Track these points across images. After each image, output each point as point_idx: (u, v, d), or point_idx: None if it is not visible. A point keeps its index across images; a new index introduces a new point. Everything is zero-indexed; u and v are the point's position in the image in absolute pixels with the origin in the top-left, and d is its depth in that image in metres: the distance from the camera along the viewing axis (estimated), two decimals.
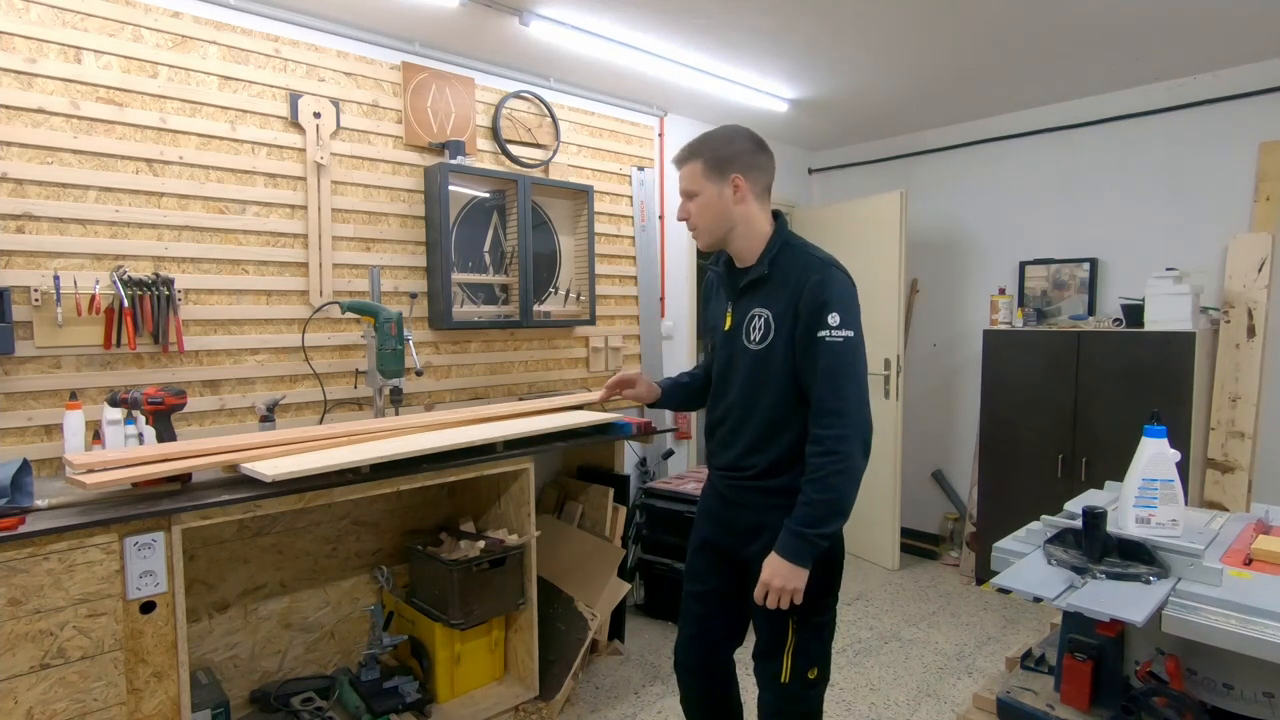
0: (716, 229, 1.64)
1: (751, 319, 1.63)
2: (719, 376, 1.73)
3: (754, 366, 1.62)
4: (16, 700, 1.56)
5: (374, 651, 2.50)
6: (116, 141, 2.23)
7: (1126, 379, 3.24)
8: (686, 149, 1.65)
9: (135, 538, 1.69)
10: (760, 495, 1.65)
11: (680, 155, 1.66)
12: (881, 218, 3.98)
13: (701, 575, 1.80)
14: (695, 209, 1.64)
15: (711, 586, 1.78)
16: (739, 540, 1.70)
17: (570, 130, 3.41)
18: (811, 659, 1.64)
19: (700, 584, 1.80)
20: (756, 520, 1.65)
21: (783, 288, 1.59)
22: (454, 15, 2.62)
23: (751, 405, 1.63)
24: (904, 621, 3.39)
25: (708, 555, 1.79)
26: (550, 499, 3.20)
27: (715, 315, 1.78)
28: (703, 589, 1.79)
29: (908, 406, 4.30)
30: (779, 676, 1.64)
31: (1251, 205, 3.24)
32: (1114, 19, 2.73)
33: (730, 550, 1.73)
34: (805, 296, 1.53)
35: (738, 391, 1.66)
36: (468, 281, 3.08)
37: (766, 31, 2.84)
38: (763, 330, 1.60)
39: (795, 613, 1.59)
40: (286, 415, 2.59)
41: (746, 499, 1.68)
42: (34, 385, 2.11)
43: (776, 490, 1.62)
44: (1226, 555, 1.33)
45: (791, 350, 1.56)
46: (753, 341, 1.62)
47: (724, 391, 1.71)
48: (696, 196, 1.63)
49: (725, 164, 1.61)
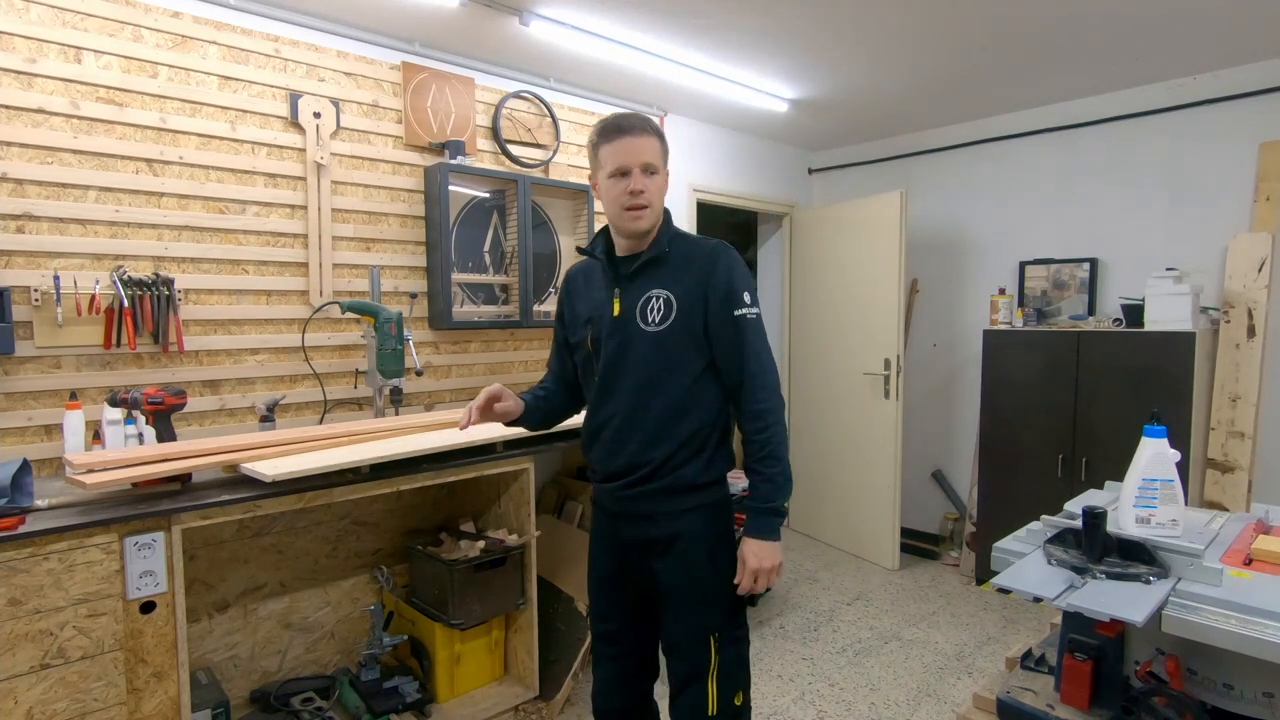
0: (660, 212, 1.56)
1: (648, 300, 1.54)
2: (605, 369, 1.58)
3: (653, 349, 1.53)
4: (16, 700, 1.56)
5: (374, 651, 2.50)
6: (116, 141, 2.23)
7: (1126, 379, 3.24)
8: (645, 122, 1.53)
9: (135, 538, 1.69)
10: (665, 498, 1.55)
11: (645, 124, 1.53)
12: (881, 218, 3.98)
13: (606, 613, 1.69)
14: (654, 187, 1.53)
15: (620, 624, 1.67)
16: (644, 556, 1.59)
17: (570, 130, 3.41)
18: (736, 682, 1.59)
19: (607, 623, 1.69)
20: (665, 531, 1.55)
21: (685, 268, 1.53)
22: (454, 15, 2.62)
23: (649, 392, 1.53)
24: (904, 621, 3.39)
25: (609, 590, 1.68)
26: (550, 499, 3.20)
27: (591, 307, 1.63)
28: (612, 628, 1.68)
29: (908, 406, 4.30)
30: (705, 709, 1.54)
31: (1251, 205, 3.24)
32: (1114, 19, 2.73)
33: (634, 572, 1.63)
34: (718, 276, 1.51)
35: (632, 379, 1.54)
36: (468, 281, 3.08)
37: (766, 31, 2.84)
38: (663, 311, 1.52)
39: (716, 628, 1.55)
40: (286, 415, 2.58)
41: (648, 507, 1.56)
42: (34, 385, 2.11)
43: (682, 488, 1.54)
44: (1226, 555, 1.33)
45: (698, 330, 1.52)
46: (651, 324, 1.53)
47: (611, 385, 1.58)
48: (657, 174, 1.53)
49: (668, 155, 1.58)
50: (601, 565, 1.69)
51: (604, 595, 1.70)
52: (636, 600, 1.66)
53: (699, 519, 1.57)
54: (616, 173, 1.51)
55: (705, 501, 1.58)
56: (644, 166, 1.50)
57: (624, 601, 1.67)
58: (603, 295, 1.61)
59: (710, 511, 1.58)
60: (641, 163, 1.50)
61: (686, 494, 1.56)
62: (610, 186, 1.52)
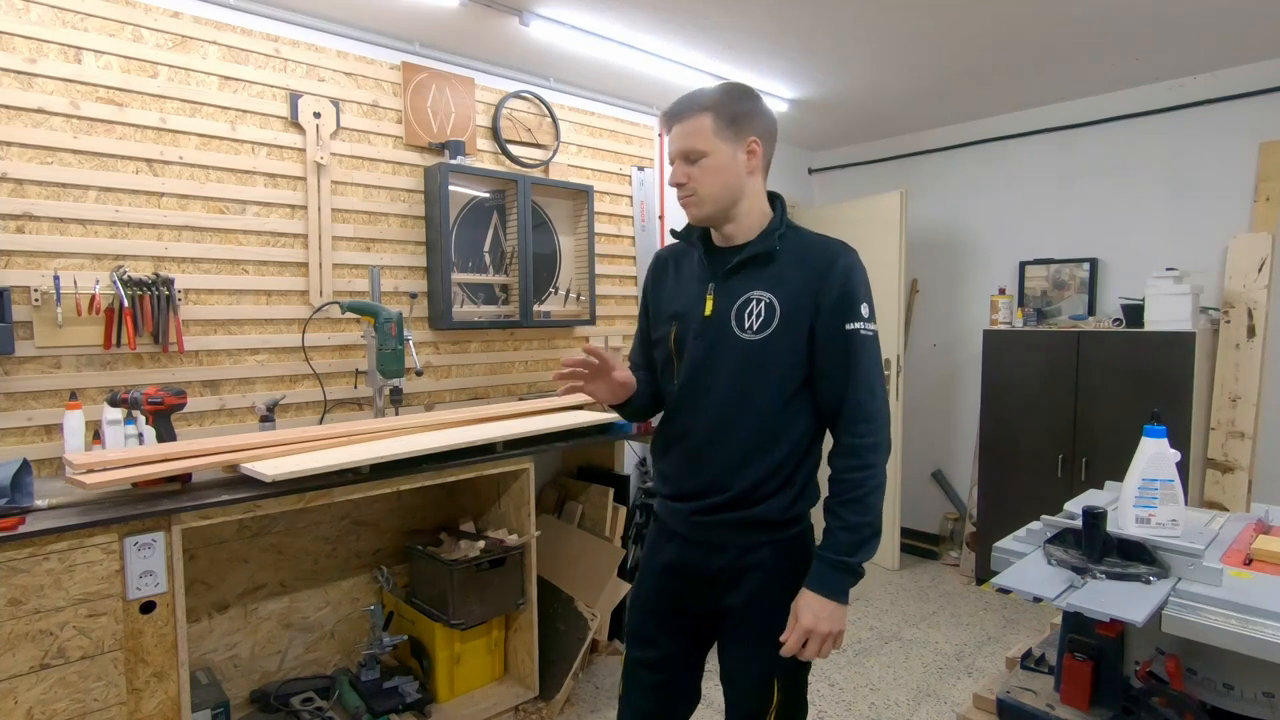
0: (722, 198, 1.34)
1: (747, 303, 1.34)
2: (688, 377, 1.40)
3: (746, 360, 1.34)
4: (16, 700, 1.56)
5: (374, 651, 2.50)
6: (116, 141, 2.22)
7: (1126, 379, 3.24)
8: (690, 100, 1.33)
9: (135, 538, 1.69)
10: (736, 531, 1.37)
11: (681, 107, 1.34)
12: (881, 218, 3.98)
13: (652, 639, 1.49)
14: (700, 173, 1.32)
15: (667, 651, 1.48)
16: (712, 591, 1.41)
17: (570, 130, 3.41)
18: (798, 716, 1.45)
19: (651, 649, 1.49)
20: (735, 563, 1.38)
21: (796, 269, 1.33)
22: (454, 15, 2.62)
23: (738, 408, 1.35)
24: (904, 621, 3.39)
25: (660, 616, 1.49)
26: (550, 499, 3.20)
27: (679, 300, 1.44)
28: (655, 655, 1.49)
29: (908, 406, 4.29)
30: None
31: (1251, 205, 3.24)
32: (1114, 19, 2.73)
33: (697, 604, 1.44)
34: (833, 281, 1.30)
35: (722, 392, 1.36)
36: (468, 281, 3.08)
37: (766, 32, 2.84)
38: (763, 317, 1.33)
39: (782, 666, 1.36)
40: (286, 415, 2.58)
41: (720, 537, 1.38)
42: (34, 385, 2.11)
43: (755, 523, 1.36)
44: (1226, 555, 1.33)
45: (802, 343, 1.32)
46: (748, 330, 1.33)
47: (692, 395, 1.40)
48: (704, 158, 1.32)
49: (743, 123, 1.33)
50: (653, 589, 1.50)
51: (651, 621, 1.50)
52: (692, 628, 1.48)
53: (776, 552, 1.39)
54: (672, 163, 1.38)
55: (783, 537, 1.39)
56: (684, 154, 1.33)
57: (675, 629, 1.49)
58: (695, 289, 1.41)
59: (788, 546, 1.40)
60: (681, 150, 1.34)
61: (765, 529, 1.37)
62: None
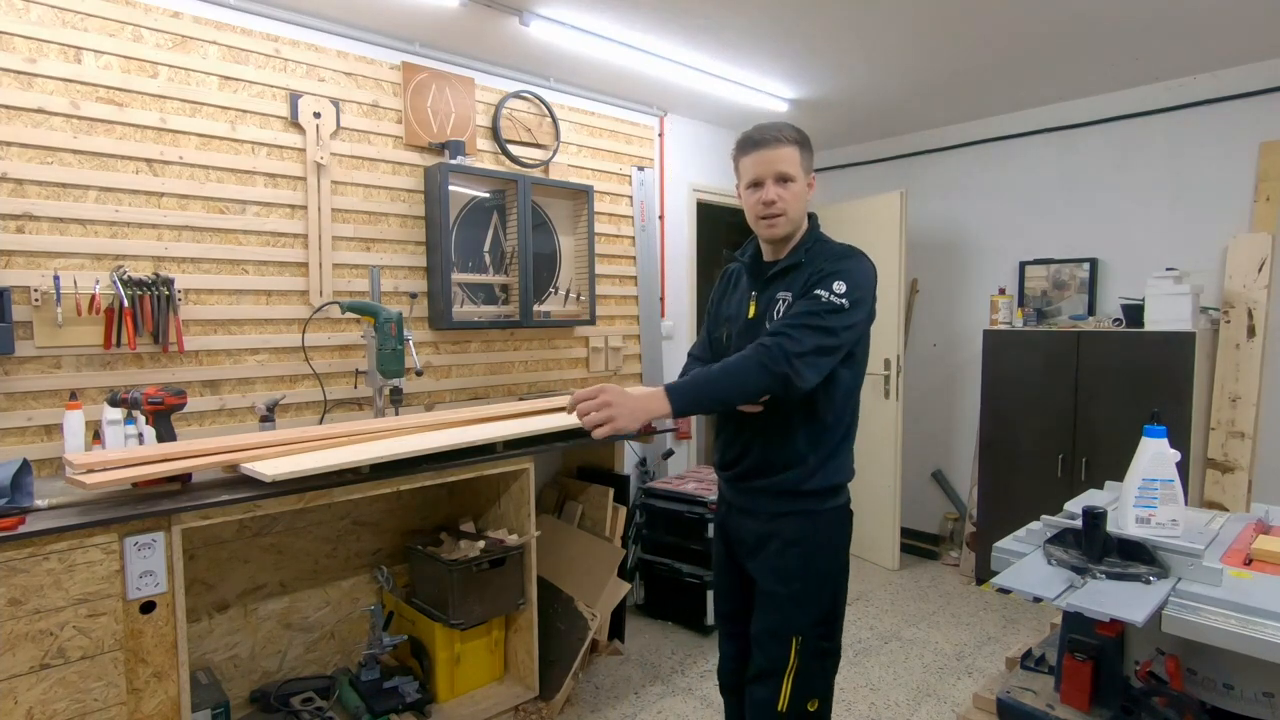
0: (796, 219, 1.58)
1: (775, 304, 1.59)
2: None
3: None
4: (16, 700, 1.56)
5: (374, 651, 2.50)
6: (116, 141, 2.23)
7: (1126, 379, 3.24)
8: (778, 131, 1.55)
9: (135, 538, 1.69)
10: (767, 498, 1.60)
11: (779, 134, 1.54)
12: (881, 218, 3.98)
13: (725, 593, 1.78)
14: (789, 195, 1.55)
15: (736, 605, 1.75)
16: (742, 551, 1.68)
17: (570, 130, 3.41)
18: (813, 689, 1.59)
19: (726, 603, 1.78)
20: (761, 530, 1.61)
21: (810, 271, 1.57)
22: (454, 15, 2.62)
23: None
24: (904, 621, 3.39)
25: (725, 573, 1.77)
26: (550, 499, 3.20)
27: (734, 307, 1.73)
28: (729, 608, 1.77)
29: (908, 406, 4.29)
30: (775, 704, 1.56)
31: (1251, 205, 3.24)
32: (1114, 19, 2.73)
33: (739, 561, 1.70)
34: (825, 268, 1.52)
35: None
36: (468, 281, 3.08)
37: (766, 32, 2.84)
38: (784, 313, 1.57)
39: (799, 631, 1.56)
40: (286, 415, 2.58)
41: (752, 504, 1.64)
42: (34, 385, 2.11)
43: (784, 491, 1.57)
44: (1226, 555, 1.33)
45: None
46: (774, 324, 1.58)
47: None
48: (792, 183, 1.55)
49: (809, 161, 1.59)
50: (720, 549, 1.78)
51: (721, 575, 1.79)
52: (743, 586, 1.71)
53: (799, 523, 1.58)
54: (751, 184, 1.58)
55: (810, 509, 1.58)
56: (777, 176, 1.54)
57: (735, 585, 1.74)
58: (743, 297, 1.69)
59: (813, 518, 1.59)
60: (775, 173, 1.54)
61: (792, 498, 1.57)
62: (747, 197, 1.60)
